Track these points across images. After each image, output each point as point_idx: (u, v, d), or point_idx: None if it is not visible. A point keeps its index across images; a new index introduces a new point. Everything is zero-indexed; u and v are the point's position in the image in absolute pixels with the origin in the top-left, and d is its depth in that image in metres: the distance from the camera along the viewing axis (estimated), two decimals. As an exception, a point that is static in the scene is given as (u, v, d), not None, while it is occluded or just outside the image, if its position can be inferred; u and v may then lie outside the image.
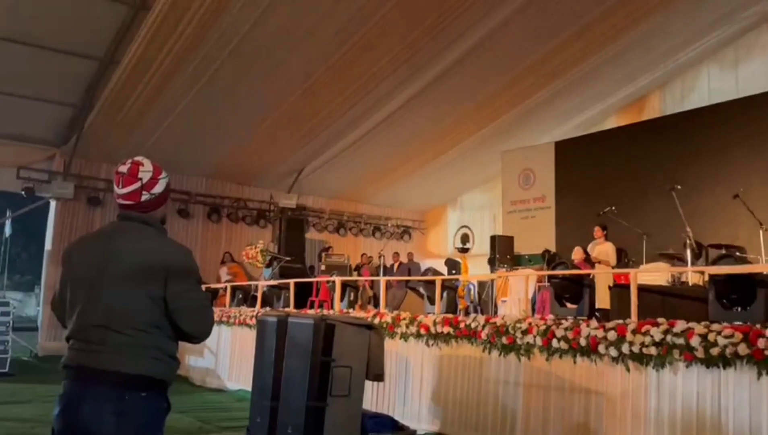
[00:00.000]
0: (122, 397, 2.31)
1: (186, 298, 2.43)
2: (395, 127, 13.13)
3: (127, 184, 2.49)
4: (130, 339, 2.35)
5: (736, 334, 4.61)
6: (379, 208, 17.89)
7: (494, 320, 6.38)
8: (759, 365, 4.47)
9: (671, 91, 13.04)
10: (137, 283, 2.36)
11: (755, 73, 11.60)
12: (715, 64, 12.34)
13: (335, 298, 8.85)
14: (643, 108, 13.47)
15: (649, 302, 6.14)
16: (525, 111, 13.36)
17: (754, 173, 10.95)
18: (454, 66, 11.18)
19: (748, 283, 5.05)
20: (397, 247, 17.46)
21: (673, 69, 12.64)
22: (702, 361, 4.76)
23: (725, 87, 12.06)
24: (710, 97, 12.13)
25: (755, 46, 11.74)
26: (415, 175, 16.01)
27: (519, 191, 15.10)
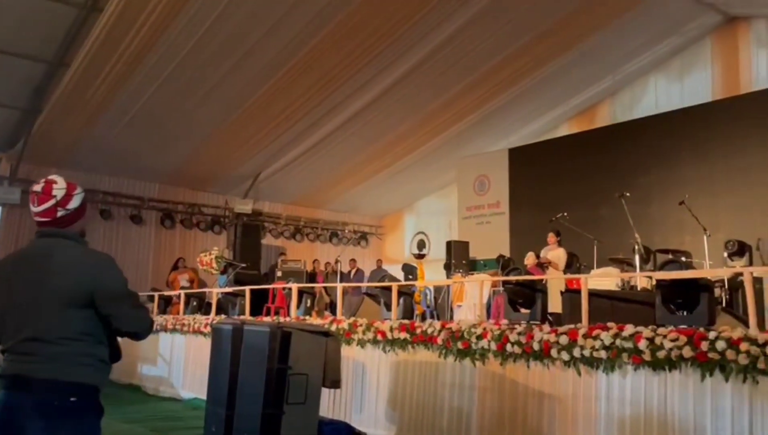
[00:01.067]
0: (54, 404, 2.44)
1: (118, 303, 2.57)
2: (352, 133, 13.16)
3: (41, 202, 2.61)
4: (62, 348, 2.48)
5: (681, 338, 4.77)
6: (336, 213, 17.87)
7: (450, 326, 6.44)
8: (702, 367, 4.64)
9: (621, 100, 13.42)
10: (66, 296, 2.49)
11: (698, 85, 12.04)
12: (662, 74, 12.75)
13: (292, 305, 8.80)
14: (595, 116, 13.82)
15: (600, 307, 6.28)
16: (480, 118, 13.55)
17: (698, 181, 11.35)
18: (410, 74, 11.28)
19: (692, 288, 5.23)
20: (355, 253, 17.51)
21: (623, 79, 13.01)
22: (649, 364, 4.91)
23: (671, 97, 12.47)
24: (657, 106, 12.52)
25: (699, 59, 12.18)
26: (372, 181, 16.06)
27: (474, 197, 15.31)
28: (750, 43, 11.51)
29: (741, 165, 10.89)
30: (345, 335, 7.31)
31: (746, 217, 10.68)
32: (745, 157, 10.87)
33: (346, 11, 9.45)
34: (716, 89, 11.78)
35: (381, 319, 7.47)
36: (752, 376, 4.40)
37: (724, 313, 6.65)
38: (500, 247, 13.29)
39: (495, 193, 14.92)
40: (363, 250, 18.05)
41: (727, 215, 10.87)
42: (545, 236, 10.27)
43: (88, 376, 2.53)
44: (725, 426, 4.50)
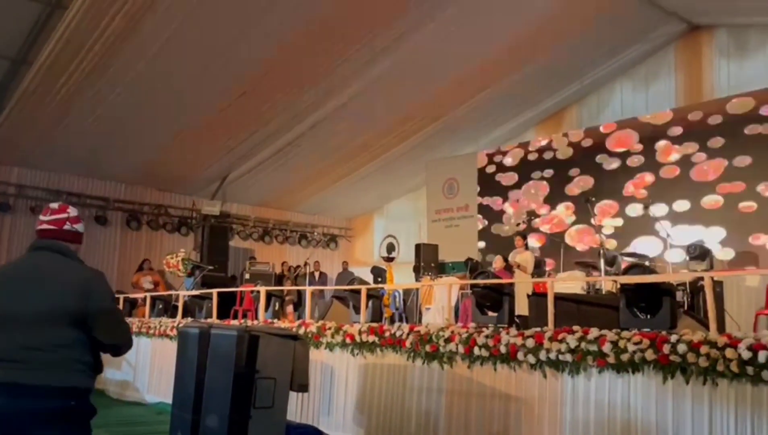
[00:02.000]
0: (53, 407, 2.64)
1: (103, 317, 2.78)
2: (321, 135, 13.14)
3: (54, 214, 2.92)
4: (56, 356, 2.68)
5: (644, 341, 4.87)
6: (305, 215, 17.80)
7: (418, 329, 6.48)
8: (664, 370, 4.74)
9: (588, 106, 13.62)
10: (61, 308, 2.70)
11: (663, 92, 12.29)
12: (627, 81, 12.98)
13: (260, 308, 8.75)
14: (562, 121, 14.01)
15: (566, 310, 6.38)
16: (450, 122, 13.63)
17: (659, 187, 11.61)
18: (380, 77, 11.31)
19: (655, 292, 5.34)
20: (324, 255, 17.47)
21: (590, 85, 13.22)
22: (613, 366, 5.00)
23: (637, 103, 12.71)
24: (623, 112, 12.75)
25: (663, 66, 12.43)
26: (341, 184, 16.05)
27: (443, 200, 15.39)
28: (713, 52, 11.78)
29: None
30: (313, 338, 7.29)
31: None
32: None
33: (317, 15, 9.45)
34: (680, 97, 12.03)
35: (350, 323, 7.48)
36: (711, 378, 4.52)
37: (686, 316, 6.81)
38: (469, 250, 13.41)
39: (464, 196, 15.03)
40: (332, 253, 18.01)
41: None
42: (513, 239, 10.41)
43: (83, 380, 2.76)
44: (686, 427, 4.60)
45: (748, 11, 9.99)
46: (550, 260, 12.03)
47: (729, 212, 10.65)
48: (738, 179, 10.65)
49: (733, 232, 10.54)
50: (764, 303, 8.01)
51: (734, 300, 8.70)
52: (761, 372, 4.27)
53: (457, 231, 15.02)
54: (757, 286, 8.83)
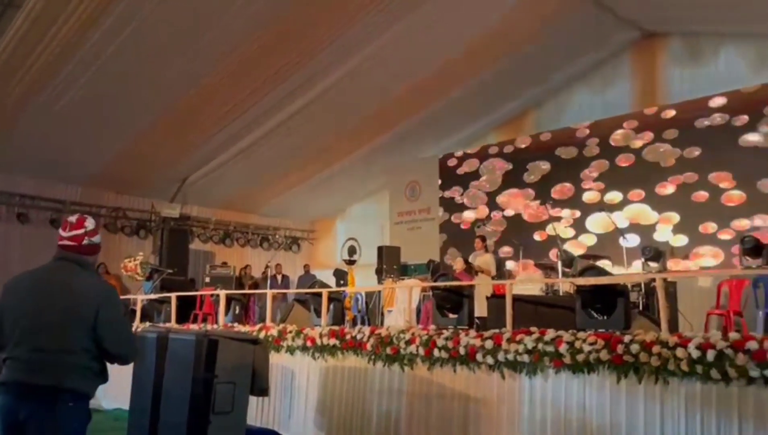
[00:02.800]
0: (55, 407, 2.87)
1: (111, 327, 3.02)
2: (283, 138, 13.06)
3: (73, 229, 3.16)
4: (62, 360, 2.92)
5: (598, 341, 4.98)
6: (267, 218, 17.65)
7: (379, 331, 6.50)
8: (618, 370, 4.85)
9: (546, 111, 13.85)
10: (71, 315, 2.94)
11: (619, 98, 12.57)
12: (585, 87, 13.23)
13: (219, 312, 8.66)
14: (522, 125, 14.21)
15: (524, 311, 6.49)
16: (411, 126, 13.69)
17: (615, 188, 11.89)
18: (341, 81, 11.31)
19: (610, 293, 5.47)
20: (287, 258, 17.35)
21: (548, 90, 13.44)
22: (569, 367, 5.10)
23: (594, 109, 12.96)
24: (581, 117, 12.99)
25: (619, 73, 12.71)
26: (303, 186, 15.97)
27: (405, 203, 15.48)
28: (666, 59, 12.10)
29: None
30: (274, 342, 7.26)
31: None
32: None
33: (278, 16, 9.40)
34: (636, 103, 12.32)
35: (311, 326, 7.47)
36: (663, 377, 4.65)
37: (641, 316, 6.99)
38: (431, 252, 13.51)
39: (426, 198, 15.13)
40: (295, 256, 17.90)
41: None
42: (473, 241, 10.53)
43: (83, 385, 2.99)
44: (638, 425, 4.72)
45: (701, 20, 10.30)
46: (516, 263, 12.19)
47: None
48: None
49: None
50: (715, 303, 8.27)
51: (688, 300, 8.95)
52: (710, 370, 4.41)
53: (419, 233, 15.12)
54: (709, 286, 9.11)
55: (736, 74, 10.90)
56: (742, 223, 10.30)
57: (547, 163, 12.96)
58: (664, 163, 11.33)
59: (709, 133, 10.87)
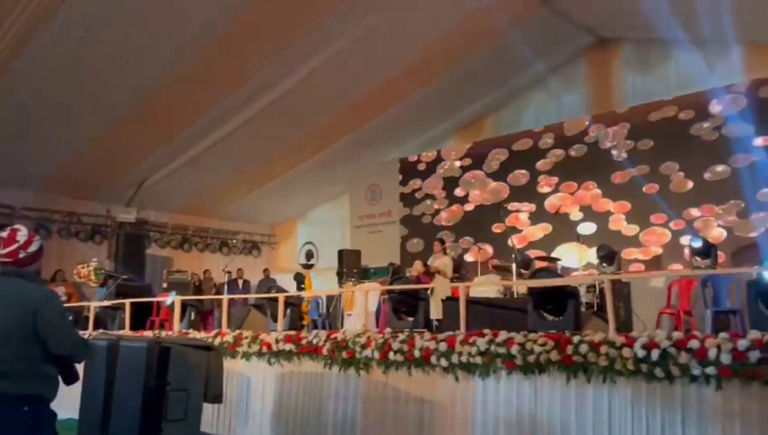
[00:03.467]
0: (16, 413, 3.06)
1: (52, 328, 3.23)
2: (242, 141, 12.96)
3: (7, 246, 3.33)
4: (15, 367, 3.12)
5: (549, 342, 5.07)
6: (226, 222, 17.51)
7: (335, 335, 6.51)
8: (568, 370, 4.94)
9: (505, 114, 14.03)
10: (14, 323, 3.15)
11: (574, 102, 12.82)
12: (542, 91, 13.45)
13: (174, 318, 8.56)
14: (481, 128, 14.37)
15: (479, 313, 6.56)
16: (371, 129, 13.73)
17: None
18: (300, 85, 11.28)
19: (561, 295, 5.58)
20: (247, 263, 17.22)
21: (507, 94, 13.62)
22: (521, 368, 5.18)
23: (550, 113, 13.19)
24: (537, 121, 13.21)
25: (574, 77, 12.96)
26: (264, 190, 15.87)
27: (366, 206, 15.52)
28: (620, 64, 12.39)
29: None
30: (229, 348, 7.21)
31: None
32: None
33: (238, 18, 9.34)
34: (591, 107, 12.57)
35: (267, 331, 7.43)
36: (611, 377, 4.75)
37: (595, 316, 7.13)
38: (391, 256, 13.56)
39: (386, 202, 15.19)
40: (255, 260, 17.77)
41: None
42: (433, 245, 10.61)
43: (35, 388, 3.18)
44: (587, 424, 4.82)
45: (649, 27, 10.57)
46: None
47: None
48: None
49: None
50: (665, 302, 8.49)
51: (642, 299, 9.15)
52: (654, 369, 4.53)
53: (379, 236, 15.18)
54: (661, 286, 9.33)
55: (686, 79, 11.21)
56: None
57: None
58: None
59: (660, 126, 11.20)
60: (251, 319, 8.11)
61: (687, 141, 10.91)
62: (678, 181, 10.98)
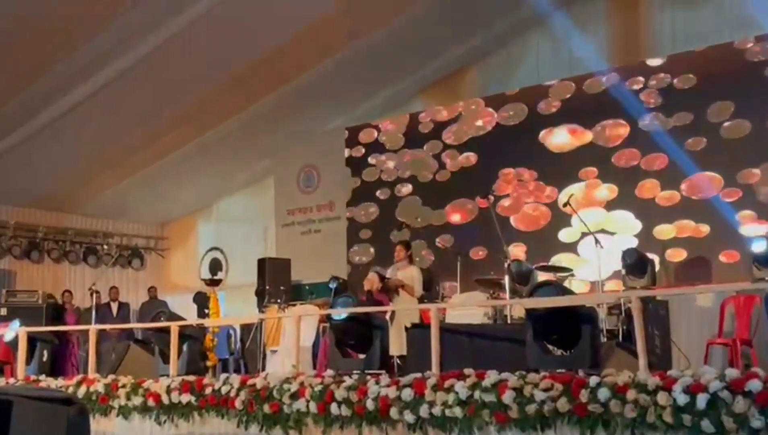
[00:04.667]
0: None
1: None
2: (113, 103, 12.73)
3: None
4: None
5: (555, 386, 5.16)
6: (94, 220, 17.26)
7: (254, 381, 6.54)
8: (582, 425, 5.03)
9: (493, 67, 14.08)
10: None
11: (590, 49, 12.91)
12: (545, 34, 13.51)
13: (19, 359, 8.46)
14: (459, 86, 14.41)
15: (459, 347, 6.64)
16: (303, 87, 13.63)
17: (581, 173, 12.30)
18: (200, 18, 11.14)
19: (572, 319, 5.66)
20: (124, 278, 17.01)
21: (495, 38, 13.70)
22: (517, 422, 5.26)
23: (558, 64, 13.30)
24: (540, 75, 13.30)
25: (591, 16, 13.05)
26: (148, 173, 15.66)
27: (298, 196, 15.47)
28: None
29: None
30: (100, 402, 7.24)
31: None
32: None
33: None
34: (613, 56, 12.73)
35: (155, 376, 7.41)
36: (641, 433, 4.85)
37: (620, 349, 7.25)
38: (334, 267, 13.51)
39: (327, 189, 15.15)
40: (136, 274, 17.60)
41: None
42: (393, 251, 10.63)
43: None
44: (608, 499, 4.92)
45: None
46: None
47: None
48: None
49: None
50: (717, 329, 8.69)
51: (685, 324, 9.36)
52: (700, 421, 4.64)
53: (318, 239, 15.15)
54: (710, 305, 9.53)
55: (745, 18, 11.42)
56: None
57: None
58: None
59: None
60: (131, 360, 8.07)
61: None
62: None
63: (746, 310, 8.35)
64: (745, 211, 10.79)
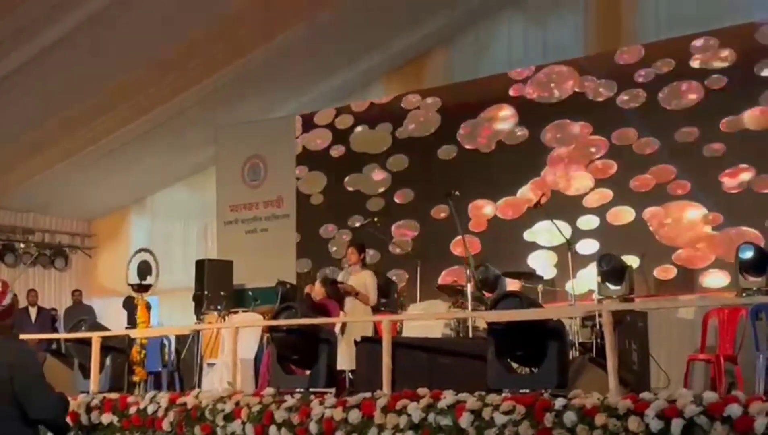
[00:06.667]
0: None
1: (28, 392, 4.38)
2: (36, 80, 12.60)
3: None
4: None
5: (518, 408, 5.17)
6: (13, 213, 17.13)
7: (183, 400, 6.53)
8: (546, 453, 5.05)
9: (461, 49, 14.15)
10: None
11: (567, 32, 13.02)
12: (519, 13, 13.60)
13: None
14: (423, 71, 14.47)
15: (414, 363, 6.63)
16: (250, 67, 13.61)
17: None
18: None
19: (537, 334, 5.67)
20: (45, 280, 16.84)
21: (464, 17, 13.75)
22: (475, 448, 5.26)
23: (532, 47, 13.37)
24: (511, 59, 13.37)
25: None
26: (74, 161, 15.54)
27: (243, 190, 15.39)
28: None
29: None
30: None
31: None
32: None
33: None
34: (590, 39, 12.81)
35: (74, 393, 7.31)
36: (611, 463, 4.87)
37: (593, 365, 7.30)
38: (282, 270, 13.47)
39: (275, 183, 15.10)
40: (60, 275, 17.50)
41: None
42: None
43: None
44: None
45: None
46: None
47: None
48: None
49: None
50: (699, 343, 8.76)
51: (665, 337, 9.43)
52: (676, 451, 4.67)
53: (264, 239, 15.10)
54: (693, 317, 9.60)
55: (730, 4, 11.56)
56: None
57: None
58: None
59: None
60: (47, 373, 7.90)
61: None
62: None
63: (731, 323, 8.41)
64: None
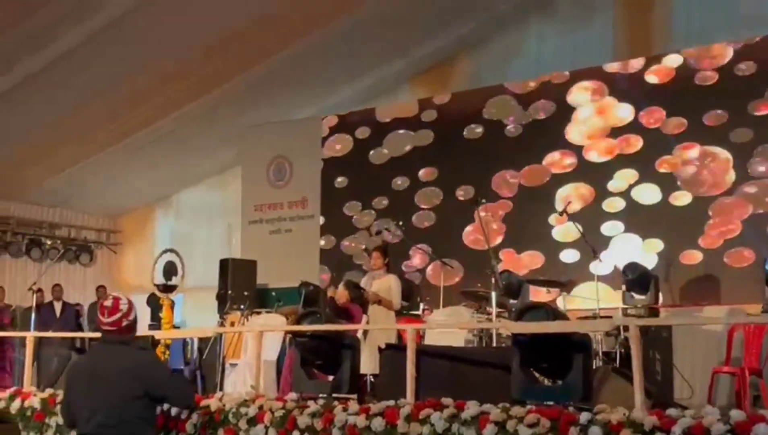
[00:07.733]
0: None
1: (169, 389, 5.25)
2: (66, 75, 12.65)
3: (111, 314, 5.13)
4: (122, 430, 4.97)
5: (542, 422, 5.14)
6: (39, 208, 17.24)
7: (207, 403, 6.52)
8: (571, 468, 5.02)
9: (487, 54, 14.11)
10: (122, 389, 4.98)
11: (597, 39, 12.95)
12: (547, 20, 13.54)
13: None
14: (450, 75, 14.46)
15: (438, 371, 6.61)
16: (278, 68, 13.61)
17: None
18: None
19: (562, 346, 5.64)
20: (71, 275, 16.91)
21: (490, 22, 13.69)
22: (498, 459, 5.24)
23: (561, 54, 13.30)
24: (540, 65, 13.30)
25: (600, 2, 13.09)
26: (101, 158, 15.60)
27: (267, 190, 15.39)
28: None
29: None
30: (35, 418, 7.19)
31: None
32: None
33: None
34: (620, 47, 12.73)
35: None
36: (635, 481, 4.84)
37: (617, 375, 7.24)
38: (306, 271, 13.46)
39: (300, 183, 15.09)
40: (85, 271, 17.58)
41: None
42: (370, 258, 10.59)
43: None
44: None
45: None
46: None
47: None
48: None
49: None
50: (725, 355, 8.69)
51: (689, 349, 9.35)
52: (702, 470, 4.63)
53: (288, 239, 15.09)
54: (719, 329, 9.52)
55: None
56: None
57: (480, 127, 13.33)
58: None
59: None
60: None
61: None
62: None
63: (757, 337, 8.34)
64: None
